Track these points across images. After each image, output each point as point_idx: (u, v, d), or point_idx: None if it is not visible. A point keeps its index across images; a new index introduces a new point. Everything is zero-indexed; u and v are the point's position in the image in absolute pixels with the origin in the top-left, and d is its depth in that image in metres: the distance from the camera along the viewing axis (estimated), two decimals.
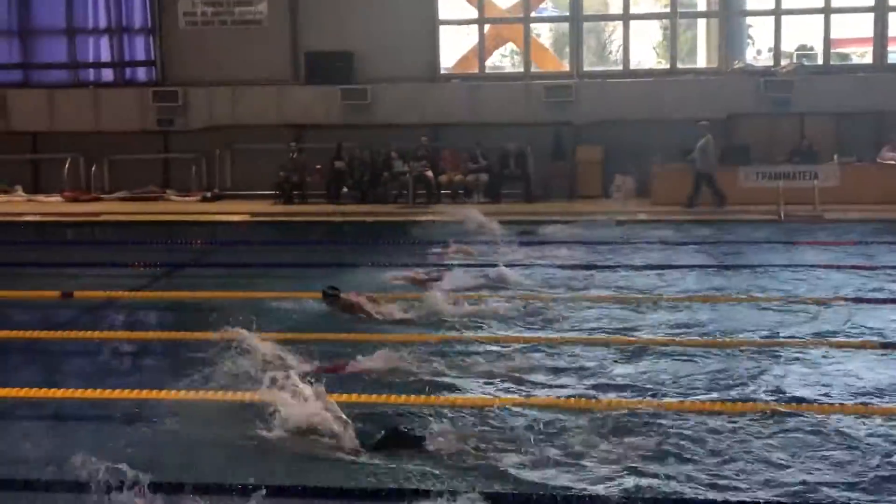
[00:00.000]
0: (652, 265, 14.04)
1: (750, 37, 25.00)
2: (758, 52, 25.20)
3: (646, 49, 25.58)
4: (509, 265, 13.41)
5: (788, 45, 23.45)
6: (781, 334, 10.07)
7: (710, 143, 20.30)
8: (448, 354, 9.32)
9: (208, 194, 22.67)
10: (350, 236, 18.77)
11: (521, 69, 24.07)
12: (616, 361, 9.15)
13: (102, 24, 23.87)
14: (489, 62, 24.43)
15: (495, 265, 13.40)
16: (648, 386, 8.38)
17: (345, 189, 22.28)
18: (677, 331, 10.27)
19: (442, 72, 23.66)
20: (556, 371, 8.88)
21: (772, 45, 23.36)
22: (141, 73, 23.99)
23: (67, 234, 19.63)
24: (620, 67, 23.70)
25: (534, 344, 9.70)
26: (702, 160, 20.23)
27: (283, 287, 12.86)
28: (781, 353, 9.30)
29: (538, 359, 9.25)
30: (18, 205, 21.99)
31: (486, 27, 24.10)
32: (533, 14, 24.15)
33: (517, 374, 8.77)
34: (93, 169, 23.19)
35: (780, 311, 11.11)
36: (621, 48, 24.07)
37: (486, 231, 16.79)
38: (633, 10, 23.66)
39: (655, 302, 11.61)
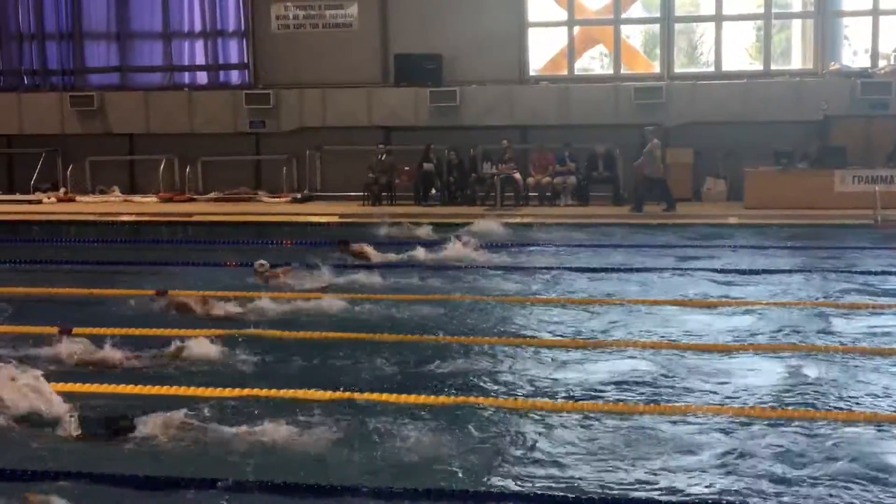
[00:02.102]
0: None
1: (846, 37, 24.45)
2: (854, 53, 24.63)
3: (738, 50, 25.16)
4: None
5: (886, 46, 22.90)
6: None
7: (657, 147, 20.46)
8: None
9: (298, 196, 22.96)
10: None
11: (611, 71, 23.92)
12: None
13: (197, 27, 24.33)
14: (578, 64, 24.30)
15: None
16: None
17: (433, 191, 22.38)
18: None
19: (530, 73, 23.63)
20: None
21: (869, 46, 22.84)
22: (234, 76, 24.41)
23: (162, 234, 19.99)
24: (712, 69, 23.41)
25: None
26: (649, 164, 20.40)
27: None
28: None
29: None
30: (115, 205, 22.50)
31: (576, 29, 23.99)
32: (623, 16, 23.96)
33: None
34: (187, 170, 23.65)
35: None
36: (713, 49, 23.77)
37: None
38: (725, 10, 23.32)
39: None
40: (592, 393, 8.40)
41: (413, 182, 22.38)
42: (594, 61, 25.70)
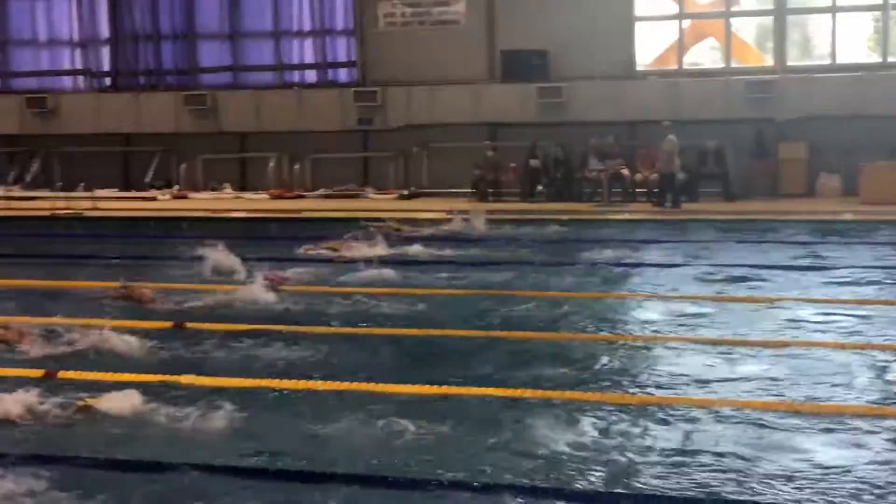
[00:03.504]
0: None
1: None
2: None
3: (854, 42, 24.46)
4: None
5: None
6: None
7: (672, 142, 20.18)
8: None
9: (405, 192, 23.11)
10: None
11: (722, 65, 23.50)
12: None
13: (307, 26, 24.68)
14: (687, 58, 23.95)
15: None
16: None
17: (539, 187, 22.30)
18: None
19: (638, 68, 23.36)
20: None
21: None
22: (342, 74, 24.68)
23: (271, 230, 20.25)
24: (827, 62, 22.81)
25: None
26: (665, 161, 20.27)
27: None
28: None
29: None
30: (227, 202, 22.96)
31: (686, 22, 23.64)
32: (734, 8, 23.52)
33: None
34: (296, 167, 24.01)
35: None
36: (827, 41, 23.16)
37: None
38: (840, 2, 22.71)
39: None
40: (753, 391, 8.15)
41: (519, 179, 22.33)
42: (704, 55, 25.29)
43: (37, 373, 9.43)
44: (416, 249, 15.70)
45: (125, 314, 11.65)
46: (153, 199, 23.42)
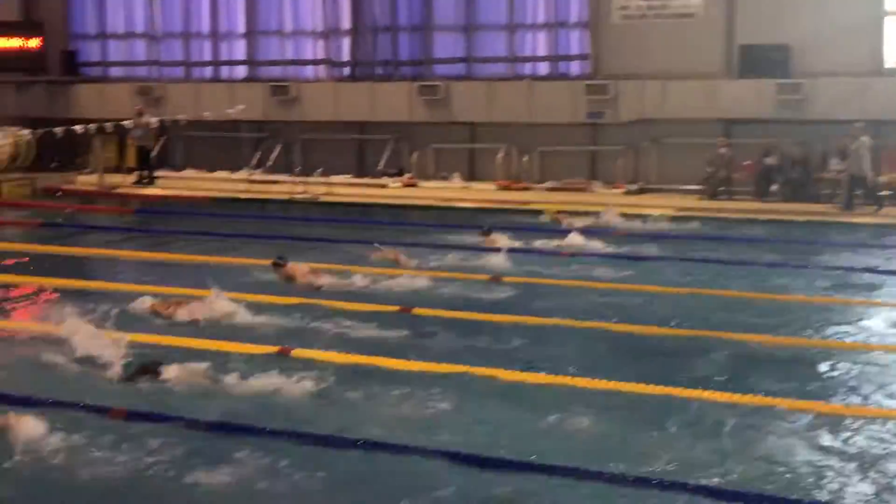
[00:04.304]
0: None
1: None
2: None
3: None
4: None
5: None
6: None
7: (864, 145, 19.34)
8: None
9: (633, 187, 22.79)
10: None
11: None
12: None
13: (541, 19, 24.70)
14: None
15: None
16: None
17: (774, 186, 21.53)
18: None
19: (886, 66, 22.15)
20: None
21: None
22: (574, 67, 24.56)
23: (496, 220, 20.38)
24: None
25: None
26: (854, 163, 19.41)
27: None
28: None
29: None
30: (455, 191, 23.28)
31: None
32: None
33: None
34: (524, 159, 24.09)
35: None
36: None
37: None
38: None
39: None
40: None
41: (753, 177, 21.63)
42: None
43: (272, 349, 9.89)
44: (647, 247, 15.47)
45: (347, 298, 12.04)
46: (384, 186, 24.04)
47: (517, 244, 16.14)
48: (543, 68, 24.93)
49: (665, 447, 7.22)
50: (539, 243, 16.42)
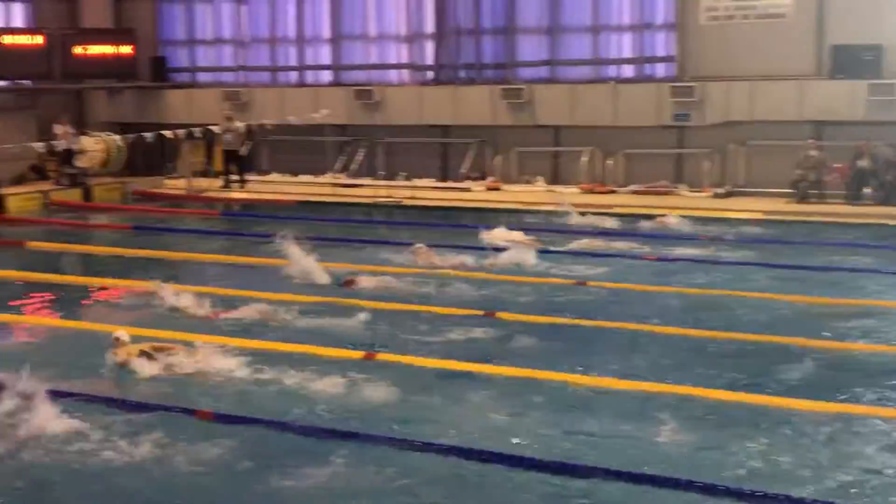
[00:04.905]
0: None
1: None
2: None
3: None
4: None
5: None
6: None
7: None
8: None
9: (720, 191, 22.44)
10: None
11: None
12: None
13: (626, 20, 24.47)
14: None
15: None
16: None
17: (867, 190, 21.02)
18: None
19: None
20: None
21: None
22: (660, 69, 24.27)
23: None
24: None
25: None
26: None
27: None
28: None
29: None
30: (538, 195, 23.14)
31: None
32: None
33: None
34: (608, 162, 23.88)
35: None
36: None
37: None
38: None
39: None
40: None
41: (845, 180, 21.14)
42: None
43: (357, 354, 9.92)
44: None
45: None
46: (467, 189, 24.02)
47: (601, 247, 16.06)
48: (629, 70, 24.68)
49: (757, 457, 7.08)
50: (624, 246, 16.28)
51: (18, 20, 27.08)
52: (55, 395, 8.43)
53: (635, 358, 9.85)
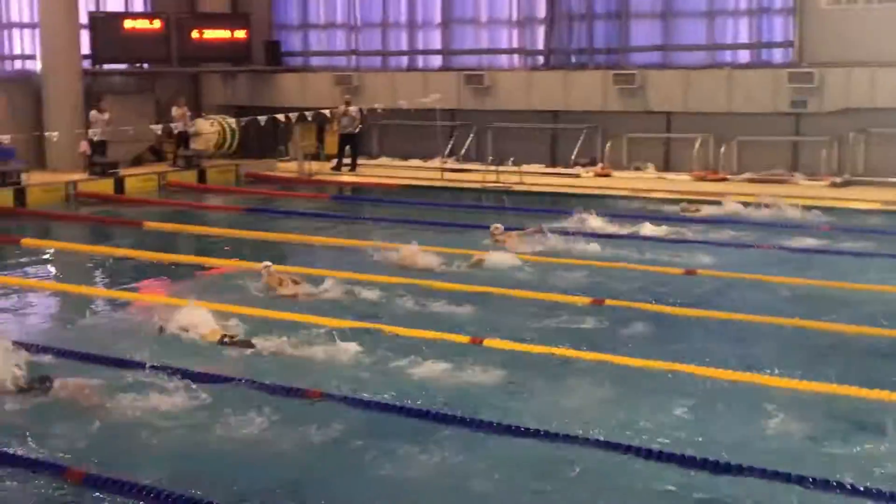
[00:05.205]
0: None
1: None
2: None
3: None
4: None
5: None
6: None
7: None
8: None
9: (838, 180, 21.81)
10: None
11: None
12: None
13: (742, 5, 23.92)
14: None
15: None
16: None
17: None
18: None
19: None
20: None
21: None
22: (777, 55, 23.69)
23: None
24: None
25: None
26: None
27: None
28: None
29: None
30: (648, 182, 22.83)
31: None
32: None
33: None
34: (721, 149, 23.40)
35: None
36: None
37: None
38: None
39: None
40: None
41: None
42: None
43: (464, 338, 9.92)
44: None
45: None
46: (577, 175, 23.82)
47: (712, 236, 15.78)
48: (744, 56, 24.13)
49: (886, 456, 6.86)
50: (734, 235, 15.97)
51: (138, 4, 27.75)
52: (159, 370, 8.67)
53: (747, 349, 9.64)
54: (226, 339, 9.89)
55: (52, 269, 15.28)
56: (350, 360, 9.30)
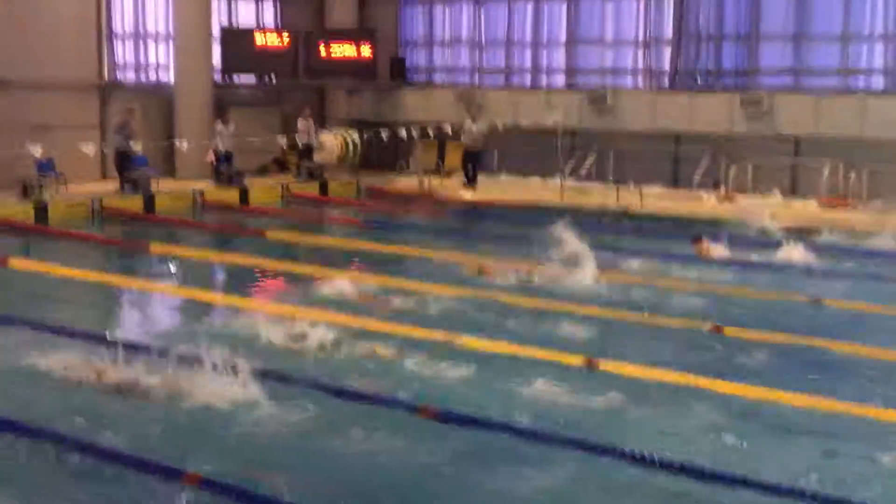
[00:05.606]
0: None
1: None
2: None
3: None
4: None
5: None
6: None
7: None
8: None
9: None
10: None
11: None
12: None
13: (878, 29, 23.19)
14: None
15: None
16: None
17: None
18: None
19: None
20: None
21: None
22: None
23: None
24: None
25: None
26: None
27: None
28: None
29: None
30: (774, 207, 22.15)
31: None
32: None
33: None
34: (851, 176, 22.70)
35: None
36: None
37: None
38: None
39: None
40: None
41: None
42: None
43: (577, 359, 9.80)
44: None
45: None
46: (699, 199, 23.36)
47: (843, 266, 15.31)
48: (879, 82, 23.40)
49: None
50: (865, 265, 15.47)
51: (269, 16, 28.37)
52: (265, 376, 8.78)
53: (873, 385, 9.28)
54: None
55: (178, 274, 15.63)
56: (459, 377, 9.26)
